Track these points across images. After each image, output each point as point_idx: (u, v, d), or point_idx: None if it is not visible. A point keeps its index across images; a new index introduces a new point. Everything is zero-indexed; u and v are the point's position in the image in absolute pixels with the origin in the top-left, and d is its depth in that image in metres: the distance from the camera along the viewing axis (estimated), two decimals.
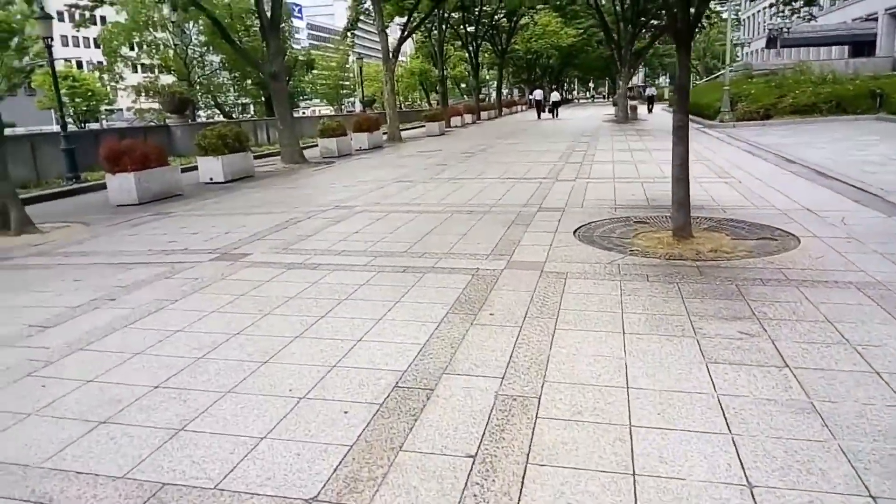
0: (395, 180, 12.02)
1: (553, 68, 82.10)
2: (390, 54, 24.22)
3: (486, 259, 5.81)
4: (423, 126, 30.71)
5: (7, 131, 10.56)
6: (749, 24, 70.64)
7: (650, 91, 36.91)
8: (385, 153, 19.49)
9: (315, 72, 53.91)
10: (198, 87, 31.42)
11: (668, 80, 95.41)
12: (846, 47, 49.10)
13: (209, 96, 33.51)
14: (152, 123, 26.88)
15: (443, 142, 23.31)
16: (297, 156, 16.65)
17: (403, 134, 25.83)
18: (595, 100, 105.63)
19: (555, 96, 42.42)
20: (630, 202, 8.51)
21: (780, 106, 22.24)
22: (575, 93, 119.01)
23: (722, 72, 56.60)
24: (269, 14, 16.45)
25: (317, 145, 22.57)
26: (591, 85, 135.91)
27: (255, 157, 18.29)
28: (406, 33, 26.42)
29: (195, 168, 14.01)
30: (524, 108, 62.33)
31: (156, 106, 29.39)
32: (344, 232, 7.33)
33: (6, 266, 6.71)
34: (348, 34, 33.23)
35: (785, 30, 45.47)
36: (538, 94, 41.89)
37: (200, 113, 35.34)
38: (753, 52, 64.50)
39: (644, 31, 30.21)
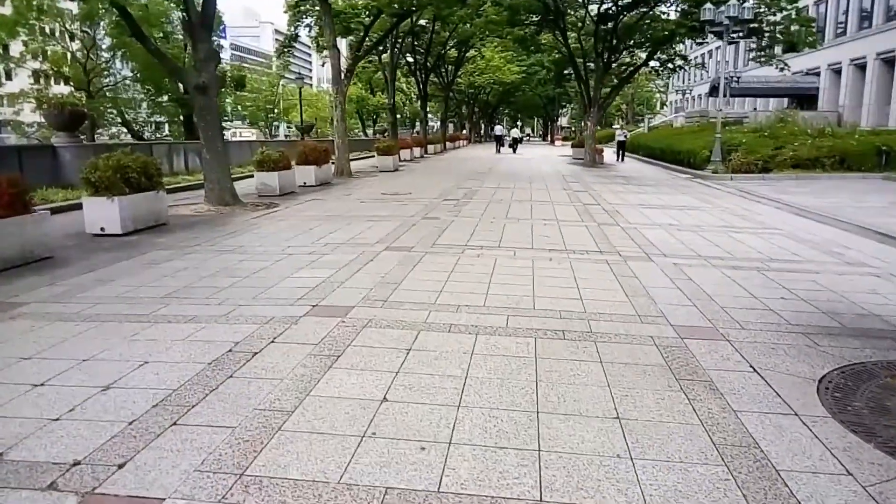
0: (383, 245, 8.28)
1: (490, 104, 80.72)
2: (342, 75, 20.50)
3: None
4: (372, 158, 27.08)
5: None
6: (688, 71, 71.35)
7: (622, 135, 32.58)
8: (340, 193, 15.64)
9: (241, 93, 49.27)
10: (100, 100, 26.15)
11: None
12: (785, 100, 49.64)
13: (115, 112, 28.29)
14: (35, 142, 21.75)
15: (403, 180, 19.68)
16: (228, 195, 12.58)
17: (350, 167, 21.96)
18: (531, 138, 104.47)
19: (515, 133, 40.13)
20: (801, 316, 5.23)
21: (778, 159, 20.06)
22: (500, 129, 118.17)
23: (666, 118, 55.95)
24: (198, 8, 12.47)
25: (251, 176, 18.53)
26: (519, 124, 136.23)
27: (170, 191, 14.05)
28: (362, 52, 22.81)
29: (81, 207, 9.74)
30: (465, 142, 59.79)
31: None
32: (355, 400, 3.57)
33: None
34: (285, 50, 29.24)
35: (735, 79, 45.19)
36: (499, 129, 39.50)
37: (102, 132, 29.99)
38: (693, 99, 64.85)
39: (614, 66, 27.90)
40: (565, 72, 62.01)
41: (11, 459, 2.90)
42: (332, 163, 19.42)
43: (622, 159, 30.13)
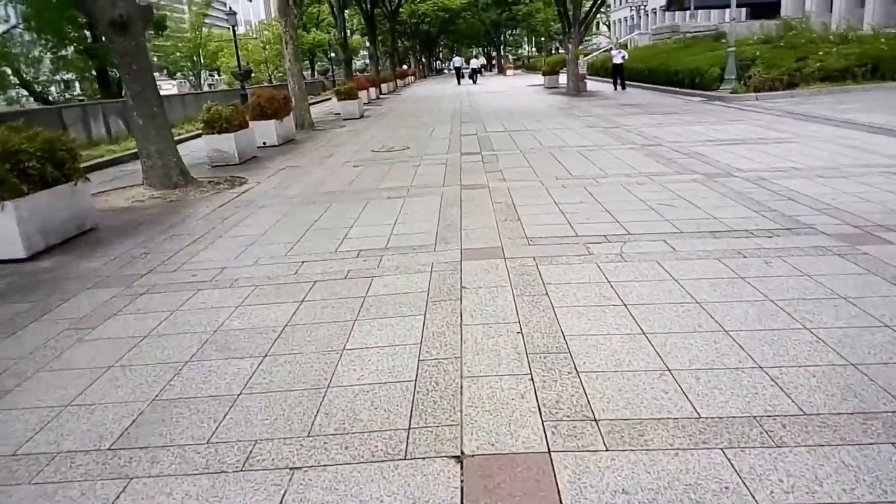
0: (450, 248, 5.32)
1: (430, 35, 75.65)
2: (289, 1, 16.65)
3: None
4: (324, 103, 23.41)
5: None
6: None
7: (618, 56, 24.37)
8: (317, 154, 12.31)
9: (162, 40, 43.42)
10: None
11: (534, 49, 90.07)
12: (744, 10, 47.45)
13: (9, 71, 22.98)
14: None
15: (380, 129, 16.33)
16: (176, 173, 9.19)
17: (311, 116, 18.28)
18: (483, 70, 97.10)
19: (474, 63, 36.72)
20: None
21: (805, 71, 17.57)
22: (439, 63, 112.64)
23: (628, 36, 52.78)
24: None
25: (192, 138, 14.99)
26: (455, 56, 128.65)
27: (92, 169, 10.57)
28: None
29: None
30: (413, 78, 55.67)
31: None
32: None
33: None
34: None
35: None
36: (458, 61, 36.19)
37: None
38: (648, 15, 61.92)
39: None
40: None
41: None
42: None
43: (623, 86, 24.54)
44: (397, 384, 3.05)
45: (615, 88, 24.77)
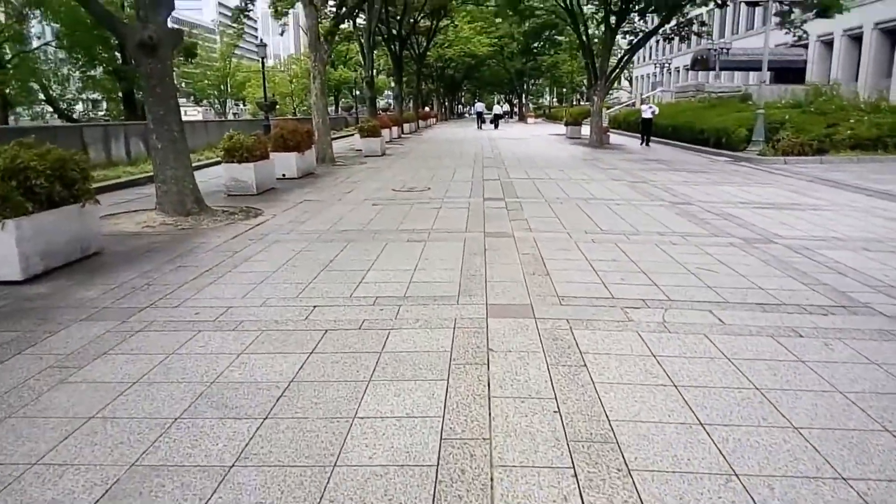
0: (473, 303, 4.92)
1: (455, 80, 76.57)
2: (320, 37, 16.66)
3: None
4: (346, 139, 23.36)
5: None
6: (651, 46, 68.31)
7: (648, 110, 24.04)
8: (336, 189, 12.04)
9: (188, 69, 44.10)
10: (11, 73, 20.87)
11: (556, 100, 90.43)
12: (768, 73, 47.67)
13: (36, 86, 23.15)
14: None
15: (401, 168, 16.12)
16: (191, 200, 8.91)
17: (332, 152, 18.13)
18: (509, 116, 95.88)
19: (497, 109, 36.97)
20: None
21: (836, 138, 17.27)
22: (461, 107, 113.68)
23: (651, 93, 53.04)
24: None
25: (211, 165, 14.82)
26: (477, 101, 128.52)
27: (106, 189, 10.36)
28: (345, 11, 18.92)
29: None
30: (434, 120, 56.09)
31: None
32: None
33: None
34: (242, 15, 24.88)
35: (725, 50, 42.72)
36: (480, 106, 36.49)
37: (21, 112, 24.80)
38: (671, 73, 62.34)
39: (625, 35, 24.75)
40: (534, 45, 58.66)
41: None
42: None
43: (647, 142, 23.96)
44: (416, 469, 2.61)
45: (641, 143, 24.54)
